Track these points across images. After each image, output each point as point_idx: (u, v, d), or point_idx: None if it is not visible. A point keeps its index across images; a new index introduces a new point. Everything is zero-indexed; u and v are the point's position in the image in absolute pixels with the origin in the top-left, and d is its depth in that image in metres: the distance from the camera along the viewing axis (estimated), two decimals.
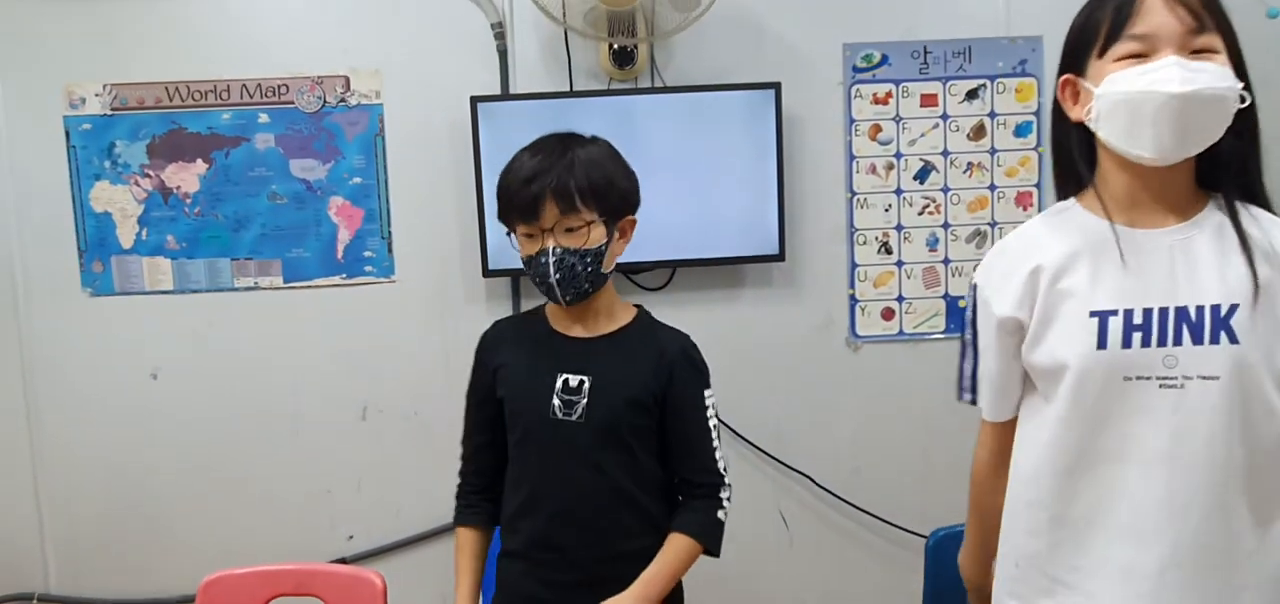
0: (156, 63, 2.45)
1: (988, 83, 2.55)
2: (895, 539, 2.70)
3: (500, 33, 2.47)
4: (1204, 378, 1.09)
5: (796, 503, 2.69)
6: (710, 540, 1.51)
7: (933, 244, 2.60)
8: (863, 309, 2.63)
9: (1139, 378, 1.11)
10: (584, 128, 2.38)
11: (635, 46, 2.42)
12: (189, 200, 2.49)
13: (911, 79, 2.54)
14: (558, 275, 1.43)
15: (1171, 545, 1.11)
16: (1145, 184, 1.15)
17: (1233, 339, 1.08)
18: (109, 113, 2.45)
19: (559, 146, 1.46)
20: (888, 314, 2.63)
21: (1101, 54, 1.15)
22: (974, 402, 1.36)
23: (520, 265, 2.45)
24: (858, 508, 2.68)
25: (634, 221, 1.55)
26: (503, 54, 2.48)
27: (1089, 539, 1.17)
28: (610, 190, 1.46)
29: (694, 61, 2.51)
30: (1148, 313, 1.11)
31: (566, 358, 1.52)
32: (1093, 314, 1.13)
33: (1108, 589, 1.15)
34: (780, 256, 2.49)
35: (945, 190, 2.58)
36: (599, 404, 1.49)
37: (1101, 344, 1.12)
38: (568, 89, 2.49)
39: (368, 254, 2.53)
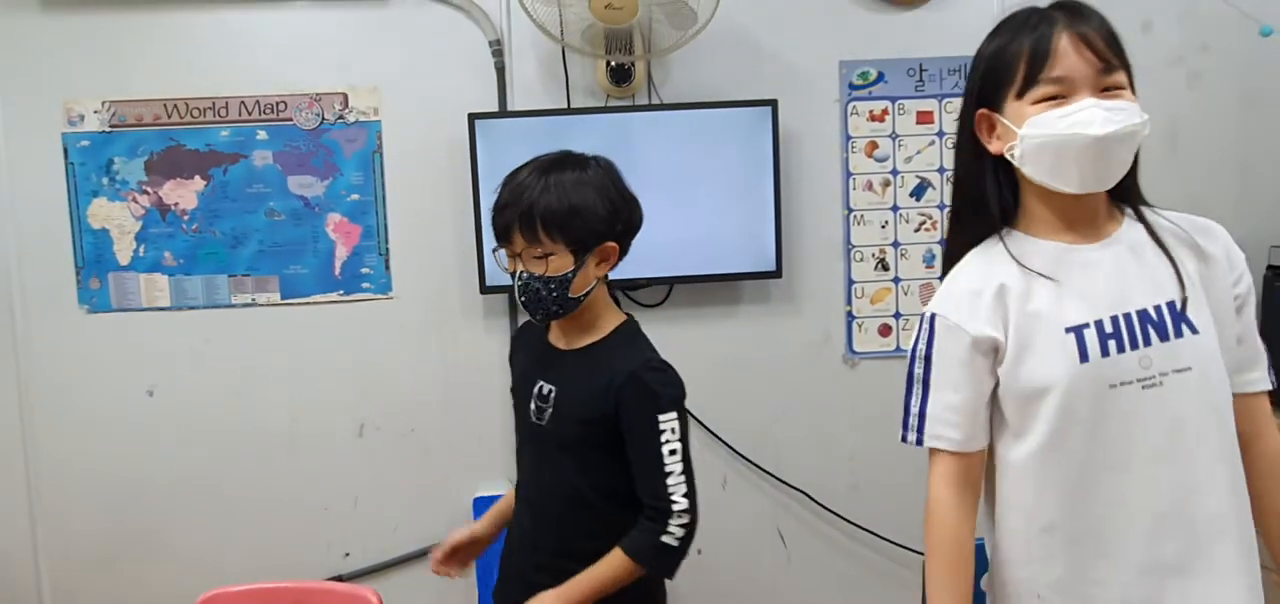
0: (155, 80, 2.45)
1: None
2: (893, 556, 2.70)
3: (498, 50, 2.48)
4: (1178, 371, 1.14)
5: (794, 519, 2.69)
6: (649, 561, 1.52)
7: (929, 261, 2.61)
8: (860, 326, 2.63)
9: (1122, 384, 1.15)
10: (581, 146, 2.40)
11: (633, 64, 2.43)
12: (186, 217, 2.49)
13: (907, 96, 2.56)
14: (523, 298, 1.51)
15: (1186, 532, 1.15)
16: (1075, 207, 1.20)
17: (1192, 329, 1.15)
18: (107, 129, 2.45)
19: (541, 171, 1.50)
20: (885, 330, 2.64)
21: (1020, 95, 1.19)
22: (919, 442, 1.36)
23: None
24: (855, 525, 2.68)
25: (615, 247, 1.57)
26: (501, 71, 2.49)
27: (1108, 546, 1.18)
28: (576, 220, 1.48)
29: (691, 79, 2.52)
30: (1115, 320, 1.16)
31: (546, 366, 1.61)
32: (1068, 330, 1.17)
33: (1137, 587, 1.17)
34: (777, 273, 2.49)
35: (941, 207, 2.59)
36: (558, 414, 1.57)
37: (1083, 358, 1.15)
38: (565, 106, 2.50)
39: (365, 271, 2.53)
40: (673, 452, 1.54)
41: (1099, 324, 1.16)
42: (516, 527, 1.71)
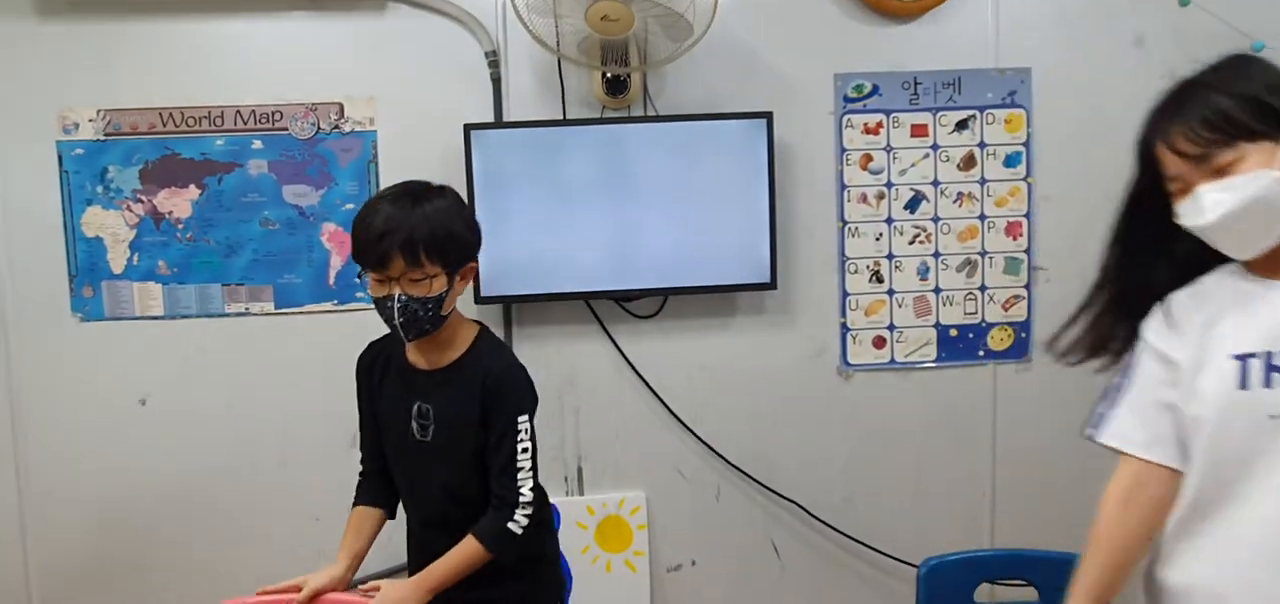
0: (151, 88, 2.45)
1: (977, 113, 2.57)
2: (886, 568, 2.69)
3: (494, 61, 2.48)
4: None
5: (787, 531, 2.68)
6: (494, 545, 1.65)
7: (923, 273, 2.61)
8: (854, 337, 2.64)
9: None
10: (577, 155, 2.42)
11: (628, 75, 2.43)
12: (181, 225, 2.49)
13: (902, 109, 2.56)
14: (402, 319, 1.61)
15: None
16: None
17: None
18: (102, 138, 2.45)
19: (409, 201, 1.60)
20: (879, 342, 2.64)
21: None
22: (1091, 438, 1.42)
23: (514, 292, 2.46)
24: (849, 536, 2.67)
25: (475, 267, 1.73)
26: (496, 82, 2.49)
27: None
28: (451, 245, 1.61)
29: (686, 90, 2.53)
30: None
31: (417, 388, 1.72)
32: (1236, 357, 1.21)
33: None
34: (772, 285, 2.50)
35: (936, 220, 2.60)
36: (441, 430, 1.70)
37: (1243, 384, 1.20)
38: (561, 117, 2.50)
39: (359, 280, 2.53)
40: (525, 450, 1.67)
41: (1269, 355, 1.19)
42: (412, 546, 1.87)
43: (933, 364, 2.65)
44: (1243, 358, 1.19)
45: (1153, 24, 2.57)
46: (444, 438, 1.70)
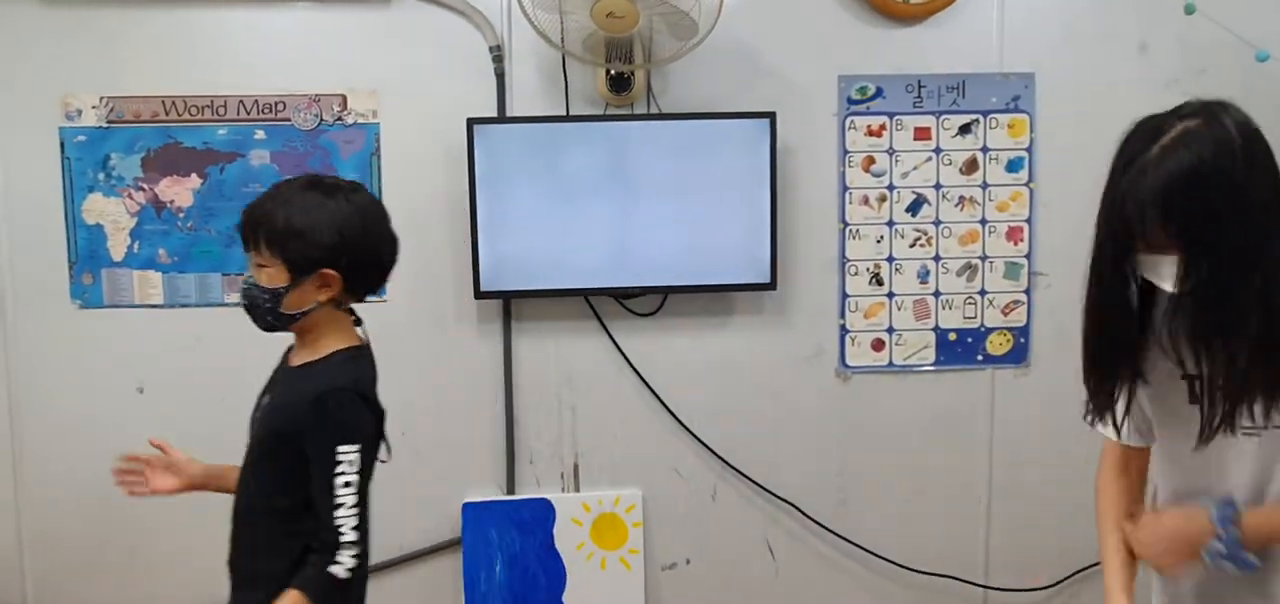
0: (154, 76, 2.45)
1: (980, 118, 2.57)
2: (880, 570, 2.70)
3: (498, 56, 2.48)
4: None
5: (783, 533, 2.69)
6: (316, 594, 1.51)
7: (924, 276, 2.61)
8: (853, 339, 2.64)
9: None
10: (579, 151, 2.41)
11: (632, 73, 2.43)
12: (182, 214, 2.48)
13: (905, 112, 2.56)
14: (243, 300, 1.58)
15: None
16: None
17: None
18: (105, 125, 2.45)
19: (287, 187, 1.55)
20: (878, 345, 2.64)
21: None
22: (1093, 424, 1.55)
23: (514, 288, 2.46)
24: (844, 539, 2.68)
25: (336, 277, 1.56)
26: (500, 77, 2.49)
27: None
28: (294, 241, 1.51)
29: (690, 89, 2.52)
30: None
31: (274, 382, 1.69)
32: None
33: None
34: (772, 285, 2.50)
35: (937, 223, 2.60)
36: (258, 424, 1.64)
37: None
38: (564, 113, 2.50)
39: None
40: (347, 483, 1.52)
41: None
42: None
43: (931, 368, 2.65)
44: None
45: (1157, 32, 2.57)
46: (256, 437, 1.63)
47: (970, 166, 2.59)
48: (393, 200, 2.50)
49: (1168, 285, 1.25)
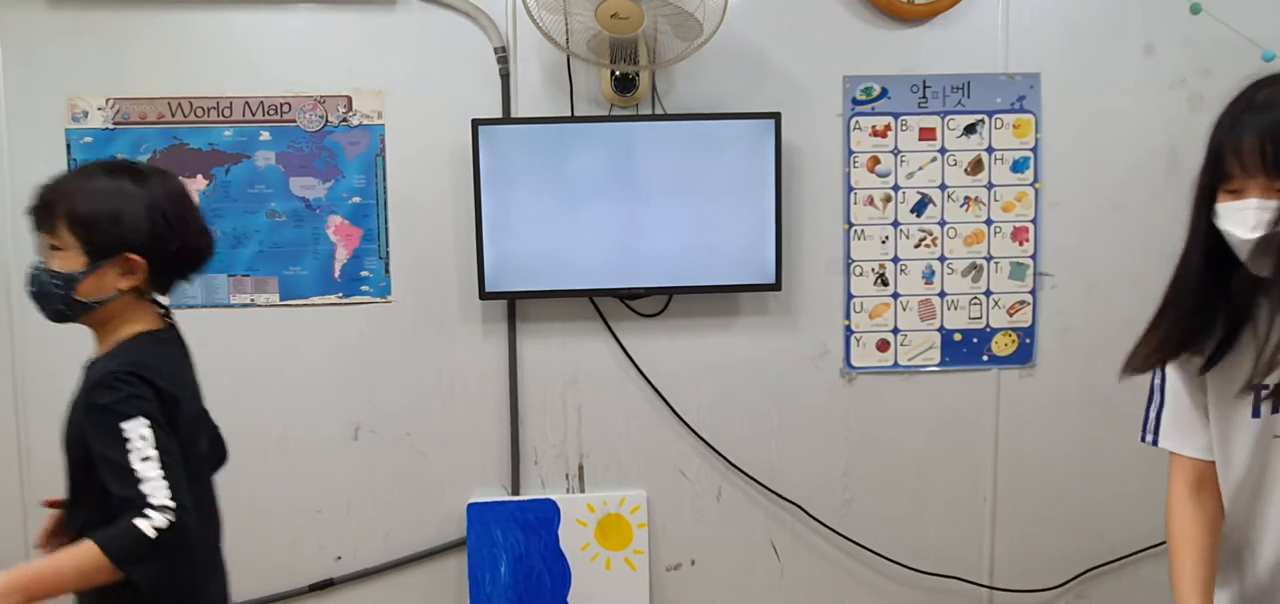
0: (160, 78, 2.46)
1: (986, 118, 2.57)
2: (885, 571, 2.69)
3: (503, 57, 2.48)
4: None
5: (788, 533, 2.68)
6: (116, 547, 1.29)
7: (929, 277, 2.61)
8: (858, 340, 2.63)
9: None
10: (583, 152, 2.41)
11: (637, 74, 2.43)
12: None
13: (910, 112, 2.56)
14: (30, 287, 1.49)
15: None
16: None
17: None
18: (111, 127, 2.46)
19: (88, 169, 1.50)
20: (883, 346, 2.64)
21: (1218, 187, 1.25)
22: (1155, 442, 1.49)
23: (519, 289, 2.46)
24: (849, 539, 2.67)
25: (142, 262, 1.48)
26: (505, 78, 2.49)
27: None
28: (97, 222, 1.44)
29: (695, 90, 2.52)
30: None
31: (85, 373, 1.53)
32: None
33: None
34: (777, 286, 2.49)
35: (942, 223, 2.59)
36: (63, 441, 1.51)
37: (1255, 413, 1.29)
38: (569, 114, 2.50)
39: (365, 273, 2.53)
40: (145, 458, 1.33)
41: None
42: None
43: (936, 368, 2.64)
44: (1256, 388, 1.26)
45: (1163, 32, 2.57)
46: (66, 458, 1.49)
47: (975, 167, 2.58)
48: (398, 201, 2.52)
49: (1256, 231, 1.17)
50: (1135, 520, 2.70)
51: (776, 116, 2.44)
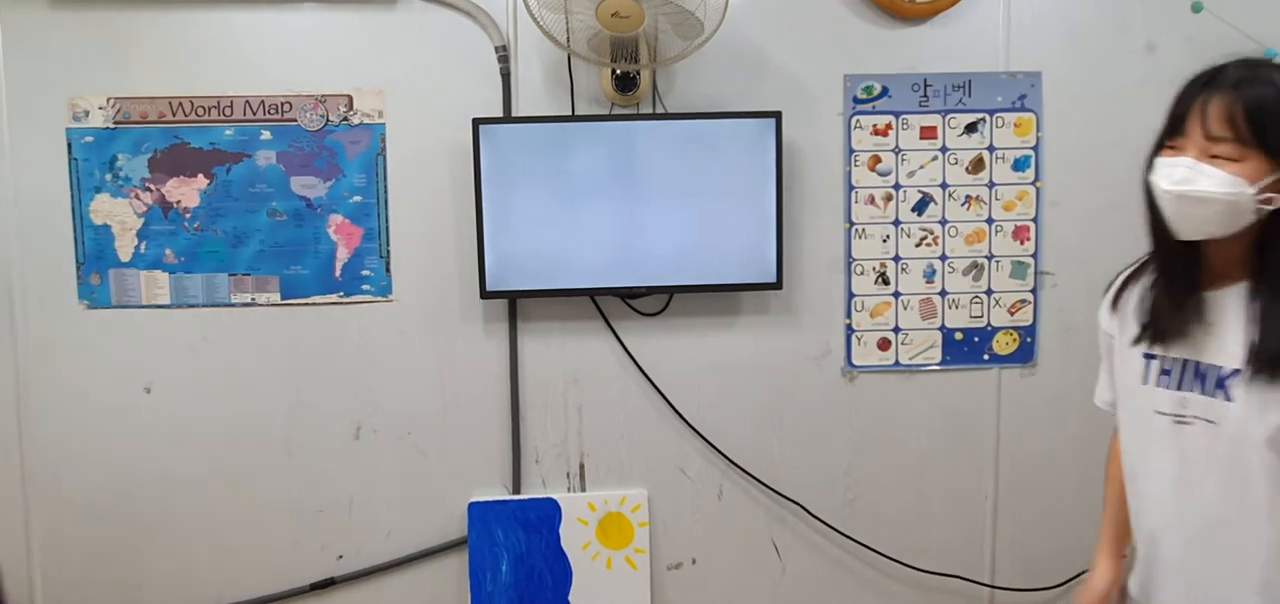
0: (161, 77, 2.46)
1: (987, 117, 2.57)
2: (888, 571, 2.69)
3: (504, 56, 2.48)
4: (1208, 422, 1.33)
5: (790, 532, 2.68)
6: None
7: (930, 276, 2.61)
8: (859, 339, 2.63)
9: (1158, 413, 1.40)
10: (585, 151, 2.42)
11: (638, 73, 2.43)
12: (189, 215, 2.49)
13: (911, 111, 2.56)
14: None
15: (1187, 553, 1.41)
16: (1206, 249, 1.33)
17: (1228, 398, 1.30)
18: (112, 126, 2.46)
19: None
20: (884, 345, 2.63)
21: (1163, 143, 1.37)
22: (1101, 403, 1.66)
23: (520, 288, 2.46)
24: (850, 538, 2.67)
25: None
26: (506, 77, 2.49)
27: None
28: None
29: (696, 89, 2.52)
30: (1175, 362, 1.37)
31: None
32: (1145, 354, 1.42)
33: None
34: (778, 285, 2.49)
35: (943, 222, 2.59)
36: None
37: (1144, 380, 1.42)
38: (570, 113, 2.50)
39: (366, 273, 2.54)
40: None
41: (1161, 359, 1.39)
42: None
43: (937, 367, 2.64)
44: (1148, 356, 1.40)
45: (1164, 30, 2.57)
46: None
47: (976, 165, 2.58)
48: (399, 200, 2.52)
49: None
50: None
51: (777, 115, 2.44)
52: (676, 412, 2.62)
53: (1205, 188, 1.25)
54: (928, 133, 2.57)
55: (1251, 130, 1.23)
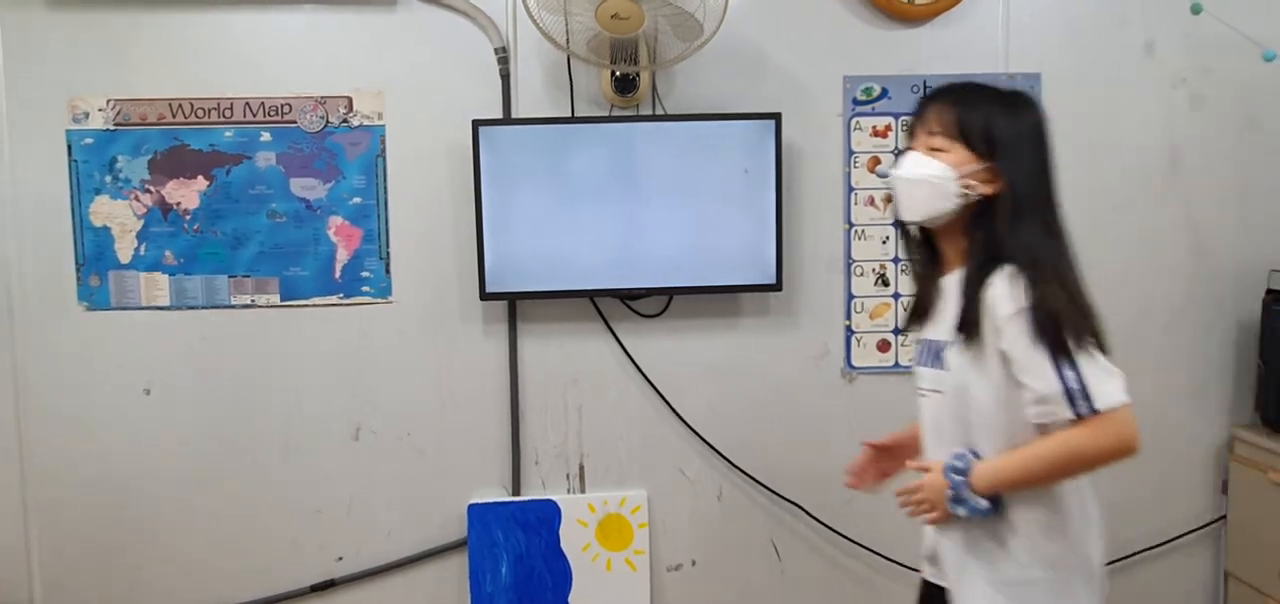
0: (161, 79, 2.46)
1: None
2: (887, 571, 2.69)
3: (504, 57, 2.48)
4: (934, 392, 1.56)
5: (789, 533, 2.68)
6: None
7: None
8: (858, 340, 2.63)
9: (917, 389, 1.64)
10: (584, 152, 2.42)
11: (637, 74, 2.43)
12: (188, 216, 2.49)
13: (911, 112, 2.55)
14: None
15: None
16: (938, 239, 1.57)
17: (944, 367, 1.52)
18: (112, 128, 2.46)
19: None
20: (883, 346, 2.64)
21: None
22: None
23: (520, 289, 2.46)
24: (850, 539, 2.67)
25: None
26: (506, 78, 2.49)
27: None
28: None
29: (695, 90, 2.52)
30: (924, 342, 1.60)
31: None
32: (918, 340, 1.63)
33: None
34: (777, 286, 2.49)
35: None
36: None
37: (915, 363, 1.65)
38: (569, 115, 2.50)
39: (365, 274, 2.54)
40: None
41: (919, 342, 1.62)
42: None
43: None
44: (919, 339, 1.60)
45: (1163, 31, 2.57)
46: None
47: None
48: (398, 202, 2.53)
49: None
50: (1135, 520, 2.70)
51: (777, 117, 2.44)
52: (676, 413, 2.62)
53: (921, 172, 1.49)
54: None
55: (957, 127, 1.49)
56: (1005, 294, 1.38)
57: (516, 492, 2.62)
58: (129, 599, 2.59)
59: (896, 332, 2.63)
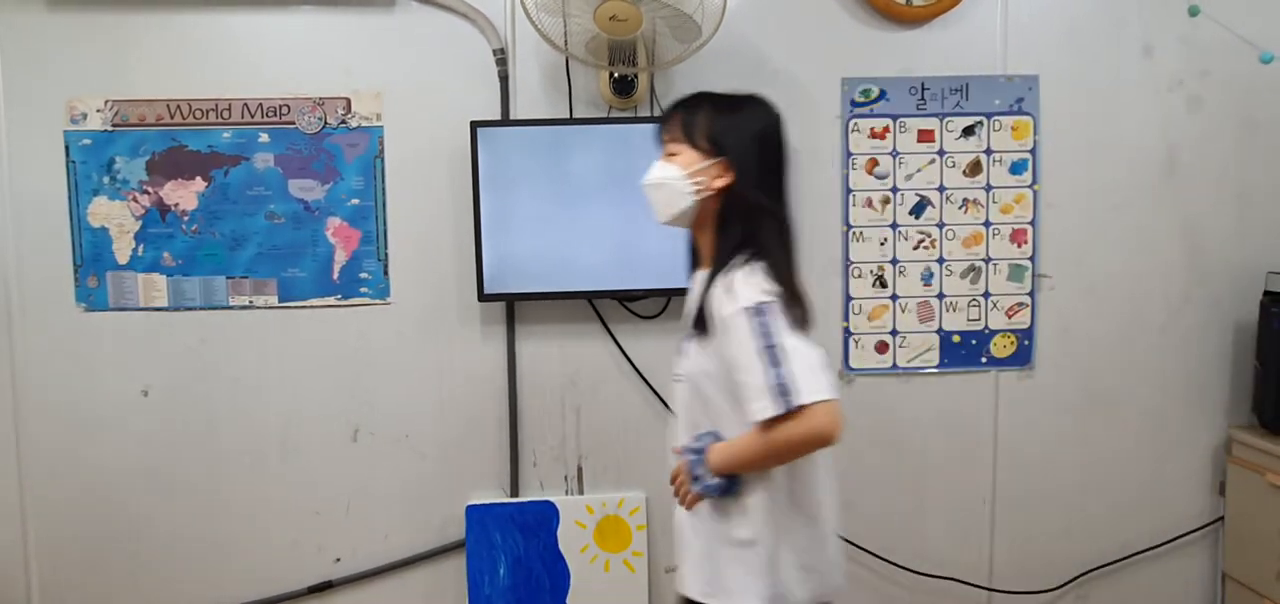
0: (159, 80, 2.46)
1: (984, 120, 2.57)
2: (885, 573, 2.69)
3: (502, 58, 2.48)
4: (678, 380, 1.66)
5: None
6: None
7: (927, 279, 2.61)
8: (856, 342, 2.63)
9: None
10: (583, 154, 2.42)
11: (636, 76, 2.43)
12: (186, 218, 2.49)
13: (909, 114, 2.56)
14: None
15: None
16: (696, 240, 1.70)
17: (686, 357, 1.62)
18: (110, 129, 2.46)
19: None
20: (881, 348, 2.64)
21: None
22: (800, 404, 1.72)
23: (517, 290, 2.46)
24: (848, 541, 2.67)
25: None
26: (504, 80, 2.49)
27: None
28: None
29: (694, 92, 2.52)
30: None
31: None
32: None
33: None
34: None
35: (940, 225, 2.59)
36: None
37: None
38: (568, 116, 2.50)
39: (364, 275, 2.54)
40: None
41: None
42: None
43: (935, 370, 2.64)
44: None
45: (1161, 33, 2.57)
46: None
47: (974, 169, 2.59)
48: (397, 203, 2.52)
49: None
50: (1134, 521, 2.70)
51: None
52: (674, 414, 2.61)
53: (656, 176, 1.64)
54: (925, 136, 2.57)
55: (683, 130, 1.63)
56: (725, 295, 1.51)
57: (514, 493, 2.62)
58: (126, 600, 2.59)
59: (893, 333, 2.63)
